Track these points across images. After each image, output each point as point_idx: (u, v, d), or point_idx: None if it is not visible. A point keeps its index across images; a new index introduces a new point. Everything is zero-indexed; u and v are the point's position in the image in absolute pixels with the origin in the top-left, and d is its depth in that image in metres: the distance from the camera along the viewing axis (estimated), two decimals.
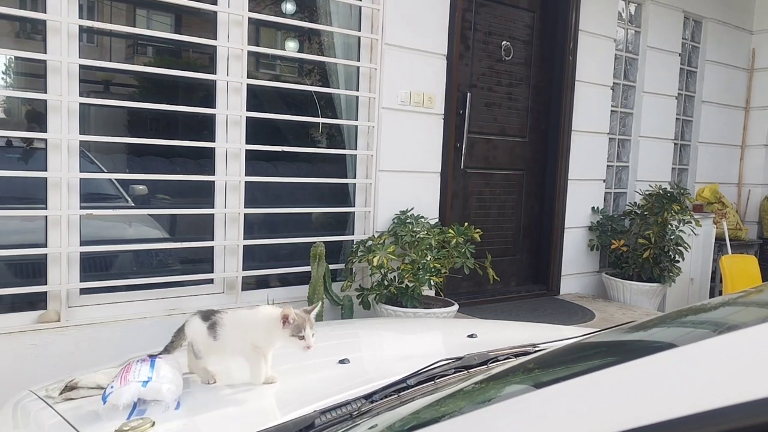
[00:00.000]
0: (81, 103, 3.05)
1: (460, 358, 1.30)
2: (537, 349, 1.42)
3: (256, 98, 3.65)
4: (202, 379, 1.55)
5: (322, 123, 3.94)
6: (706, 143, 6.40)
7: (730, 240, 5.78)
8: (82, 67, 3.04)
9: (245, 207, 3.52)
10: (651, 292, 5.03)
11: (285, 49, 4.00)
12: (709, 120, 6.38)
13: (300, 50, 4.05)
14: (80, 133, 3.05)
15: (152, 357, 1.45)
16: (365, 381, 1.37)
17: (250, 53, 3.55)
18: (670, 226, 4.99)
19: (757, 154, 6.76)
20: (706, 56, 6.25)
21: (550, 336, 1.59)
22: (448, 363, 1.28)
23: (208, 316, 1.59)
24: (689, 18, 6.07)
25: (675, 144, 6.13)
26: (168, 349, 1.59)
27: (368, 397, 1.14)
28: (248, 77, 3.52)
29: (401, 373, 1.24)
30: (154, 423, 1.26)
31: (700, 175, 6.39)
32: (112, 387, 1.30)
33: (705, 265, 5.71)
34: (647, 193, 5.30)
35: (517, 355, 1.36)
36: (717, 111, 6.44)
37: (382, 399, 1.13)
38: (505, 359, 1.35)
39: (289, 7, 3.91)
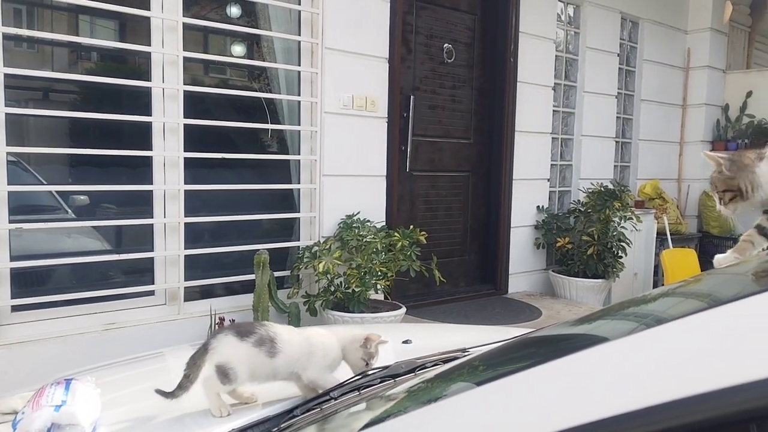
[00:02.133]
0: (6, 114, 2.93)
1: (386, 367, 1.29)
2: (466, 354, 1.42)
3: (197, 105, 3.58)
4: (220, 409, 1.32)
5: (265, 129, 3.90)
6: (647, 140, 6.57)
7: (671, 234, 5.94)
8: (7, 75, 2.93)
9: (186, 216, 3.45)
10: (596, 288, 5.14)
11: (225, 55, 3.93)
12: (649, 118, 6.56)
13: (240, 55, 3.99)
14: (8, 144, 2.93)
15: (68, 380, 1.39)
16: (287, 395, 1.34)
17: (189, 59, 3.48)
18: (612, 223, 5.11)
19: (695, 150, 6.98)
20: (643, 56, 6.42)
21: (485, 338, 1.59)
22: (374, 373, 1.27)
23: (246, 332, 1.36)
24: (626, 19, 6.23)
25: (616, 142, 6.27)
26: (183, 386, 1.35)
27: (289, 412, 1.12)
28: (190, 84, 3.46)
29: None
30: None
31: (642, 171, 6.56)
32: (23, 413, 1.24)
33: (648, 260, 5.86)
34: (590, 191, 5.41)
35: (445, 362, 1.36)
36: (656, 109, 6.63)
37: (303, 414, 1.11)
38: (433, 365, 1.34)
39: (229, 12, 3.86)
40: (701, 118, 6.94)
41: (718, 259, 1.19)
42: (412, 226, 3.96)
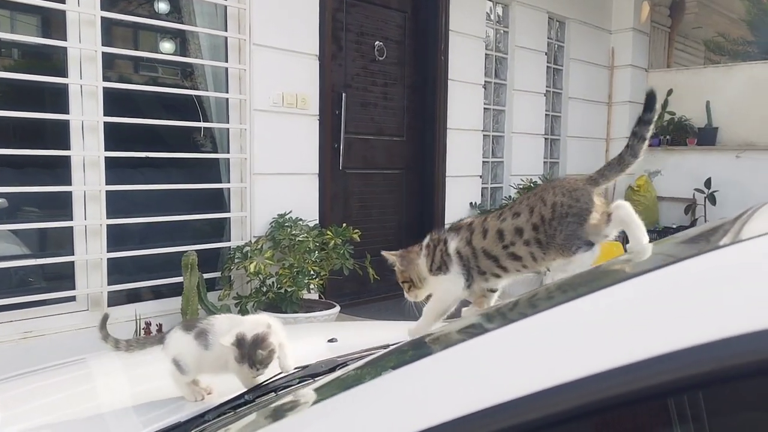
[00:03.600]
0: None
1: (305, 367, 1.26)
2: (389, 350, 1.41)
3: (121, 102, 3.44)
4: (194, 394, 1.35)
5: (193, 127, 3.79)
6: (574, 137, 6.76)
7: None
8: None
9: (108, 218, 3.31)
10: (528, 280, 5.22)
11: (150, 51, 3.80)
12: (576, 115, 6.75)
13: (166, 52, 3.87)
14: None
15: None
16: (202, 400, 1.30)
17: (109, 55, 3.35)
18: None
19: (621, 146, 7.11)
20: (570, 55, 6.59)
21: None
22: (293, 373, 1.24)
23: (191, 326, 1.39)
24: (553, 18, 6.39)
25: (545, 139, 6.43)
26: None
27: (201, 416, 1.08)
28: (117, 81, 3.32)
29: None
30: None
31: (570, 167, 6.74)
32: None
33: None
34: (520, 186, 5.51)
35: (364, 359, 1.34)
36: (583, 106, 6.83)
37: (215, 418, 1.07)
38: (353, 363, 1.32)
39: (156, 8, 3.73)
40: (626, 115, 7.19)
41: (464, 311, 1.32)
42: (345, 224, 3.94)
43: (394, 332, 1.96)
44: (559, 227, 1.19)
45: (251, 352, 1.24)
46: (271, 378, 1.22)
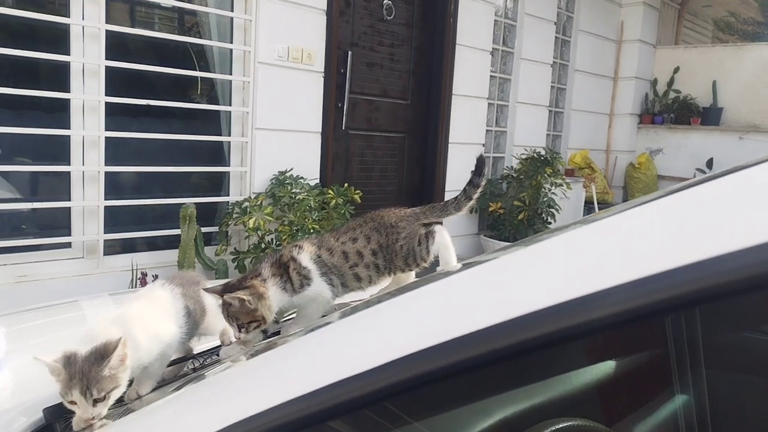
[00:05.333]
0: None
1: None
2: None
3: (122, 47, 3.35)
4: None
5: (195, 77, 3.70)
6: (578, 111, 6.69)
7: (598, 203, 6.11)
8: None
9: (106, 165, 3.24)
10: None
11: None
12: (581, 88, 6.67)
13: None
14: None
15: None
16: None
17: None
18: (543, 189, 5.18)
19: (624, 122, 7.17)
20: (579, 26, 6.49)
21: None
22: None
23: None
24: None
25: (549, 111, 6.35)
26: None
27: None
28: (119, 24, 3.21)
29: None
30: None
31: (573, 141, 6.69)
32: None
33: None
34: (523, 156, 5.46)
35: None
36: (589, 80, 6.74)
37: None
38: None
39: None
40: (631, 91, 7.11)
41: (225, 350, 1.26)
42: (346, 185, 3.88)
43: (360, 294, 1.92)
44: (399, 252, 1.30)
45: (85, 373, 0.97)
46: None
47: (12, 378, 1.27)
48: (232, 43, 3.72)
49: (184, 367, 1.27)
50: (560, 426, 0.76)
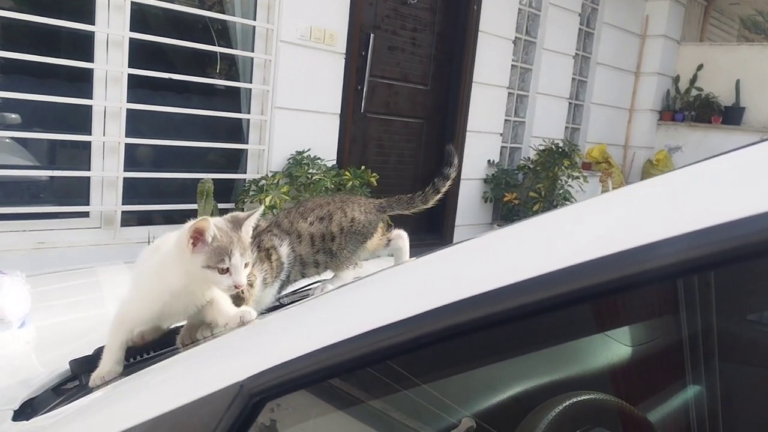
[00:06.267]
0: None
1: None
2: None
3: (146, 21, 3.36)
4: None
5: (216, 53, 3.71)
6: (598, 104, 6.64)
7: None
8: None
9: (126, 137, 3.26)
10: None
11: None
12: (603, 82, 6.61)
13: None
14: None
15: None
16: None
17: None
18: (559, 181, 5.16)
19: (644, 118, 7.11)
20: (603, 19, 6.42)
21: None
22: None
23: None
24: None
25: (569, 103, 6.31)
26: None
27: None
28: None
29: None
30: None
31: (591, 135, 6.64)
32: None
33: None
34: (541, 147, 5.43)
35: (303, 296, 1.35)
36: (610, 74, 6.68)
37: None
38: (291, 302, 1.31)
39: None
40: (652, 87, 7.04)
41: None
42: (363, 167, 3.89)
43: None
44: (347, 243, 1.26)
45: (240, 238, 1.04)
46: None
47: (36, 334, 1.30)
48: (255, 20, 3.72)
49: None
50: (575, 400, 0.77)
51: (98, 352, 1.06)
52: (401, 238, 1.37)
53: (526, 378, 0.85)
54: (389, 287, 0.77)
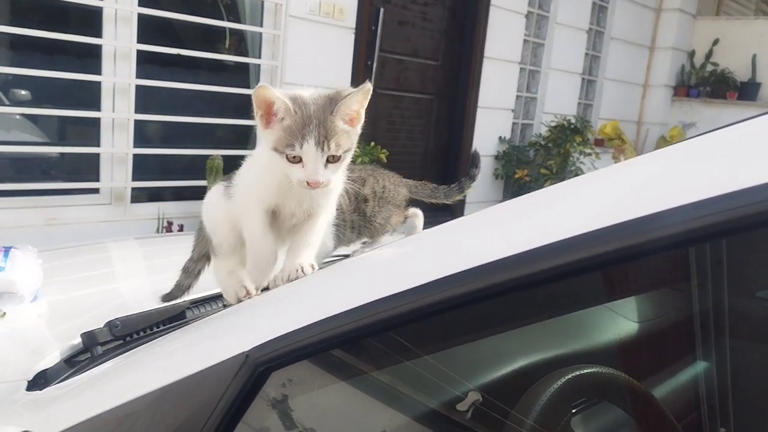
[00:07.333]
0: None
1: None
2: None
3: None
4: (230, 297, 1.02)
5: (225, 28, 3.68)
6: (612, 80, 6.56)
7: None
8: None
9: (135, 113, 3.26)
10: None
11: None
12: (616, 57, 6.52)
13: None
14: None
15: (7, 248, 1.30)
16: None
17: None
18: (571, 158, 5.12)
19: (658, 94, 7.01)
20: None
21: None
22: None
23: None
24: None
25: (582, 78, 6.23)
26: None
27: None
28: None
29: None
30: (4, 314, 1.21)
31: (604, 111, 6.57)
32: None
33: None
34: (553, 124, 5.38)
35: None
36: (624, 48, 6.59)
37: None
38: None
39: None
40: (667, 62, 6.94)
41: None
42: (372, 143, 3.87)
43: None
44: (380, 209, 1.26)
45: (321, 121, 0.85)
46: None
47: (48, 308, 1.31)
48: None
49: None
50: (580, 372, 0.77)
51: (109, 326, 1.07)
52: (417, 216, 1.37)
53: (533, 351, 0.85)
54: (393, 259, 0.77)
